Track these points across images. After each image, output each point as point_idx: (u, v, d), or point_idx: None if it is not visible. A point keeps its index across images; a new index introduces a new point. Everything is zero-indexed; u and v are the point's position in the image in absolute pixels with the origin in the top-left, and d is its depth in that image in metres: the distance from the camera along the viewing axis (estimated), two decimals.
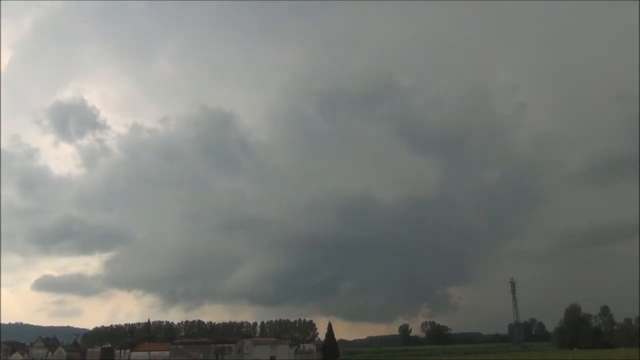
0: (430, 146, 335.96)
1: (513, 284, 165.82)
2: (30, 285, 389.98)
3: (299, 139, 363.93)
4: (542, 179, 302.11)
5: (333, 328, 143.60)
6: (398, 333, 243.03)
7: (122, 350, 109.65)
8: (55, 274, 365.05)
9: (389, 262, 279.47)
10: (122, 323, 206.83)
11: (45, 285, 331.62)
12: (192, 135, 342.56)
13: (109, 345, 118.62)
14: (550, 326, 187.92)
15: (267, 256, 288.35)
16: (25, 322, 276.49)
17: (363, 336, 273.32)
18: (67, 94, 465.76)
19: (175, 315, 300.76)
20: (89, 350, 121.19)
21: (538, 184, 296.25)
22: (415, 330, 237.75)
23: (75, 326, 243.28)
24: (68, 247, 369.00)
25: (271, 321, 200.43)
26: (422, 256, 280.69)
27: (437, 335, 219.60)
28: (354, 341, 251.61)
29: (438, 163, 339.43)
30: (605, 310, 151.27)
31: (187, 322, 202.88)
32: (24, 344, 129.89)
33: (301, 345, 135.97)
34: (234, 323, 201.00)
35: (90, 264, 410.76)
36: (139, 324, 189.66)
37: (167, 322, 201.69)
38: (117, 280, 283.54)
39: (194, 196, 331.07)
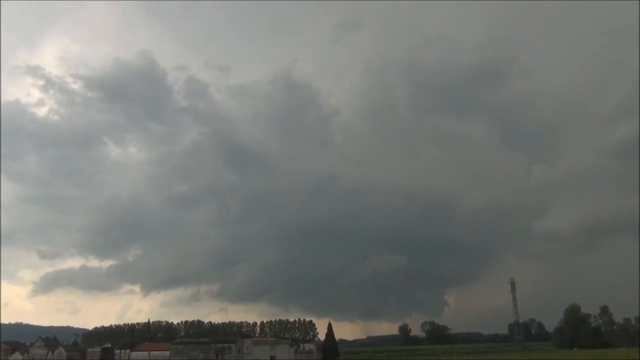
0: (520, 143, 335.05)
1: (513, 284, 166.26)
2: (39, 282, 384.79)
3: (384, 126, 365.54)
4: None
5: (333, 327, 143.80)
6: (398, 333, 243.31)
7: (122, 350, 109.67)
8: (75, 269, 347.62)
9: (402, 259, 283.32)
10: (122, 323, 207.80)
11: (55, 282, 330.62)
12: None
13: (109, 345, 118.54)
14: (550, 326, 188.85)
15: (276, 248, 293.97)
16: (25, 322, 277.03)
17: (363, 336, 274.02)
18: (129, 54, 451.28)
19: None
20: (89, 350, 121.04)
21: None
22: (415, 330, 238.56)
23: (75, 326, 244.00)
24: (96, 243, 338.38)
25: (271, 321, 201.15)
26: (440, 256, 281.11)
27: (437, 335, 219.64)
28: (354, 341, 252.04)
29: (525, 161, 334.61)
30: (604, 310, 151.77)
31: (186, 322, 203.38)
32: (24, 344, 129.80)
33: (301, 345, 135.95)
34: (234, 323, 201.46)
35: (112, 261, 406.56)
36: (138, 324, 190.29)
37: (167, 322, 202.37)
38: (128, 277, 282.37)
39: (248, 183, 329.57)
